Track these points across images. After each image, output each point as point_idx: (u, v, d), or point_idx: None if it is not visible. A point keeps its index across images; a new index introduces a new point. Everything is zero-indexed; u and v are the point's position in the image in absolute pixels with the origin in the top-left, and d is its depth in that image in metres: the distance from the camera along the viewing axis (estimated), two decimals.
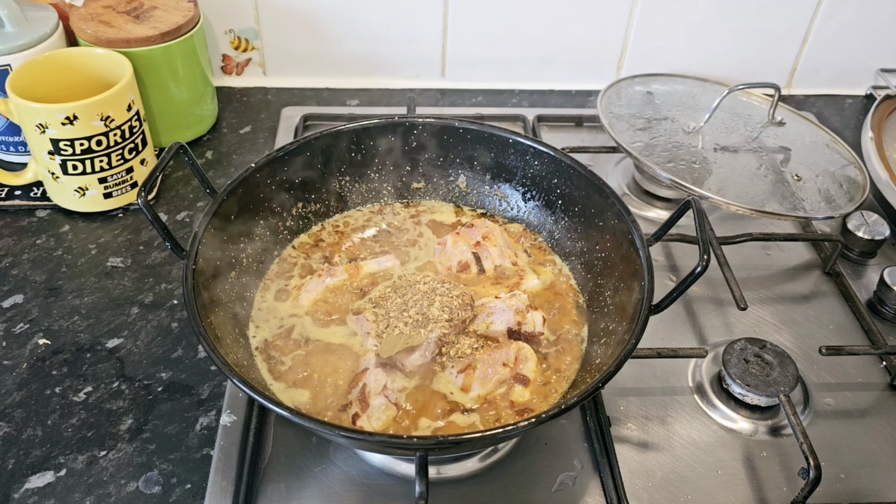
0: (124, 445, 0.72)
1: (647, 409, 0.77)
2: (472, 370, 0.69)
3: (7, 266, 0.90)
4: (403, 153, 0.88)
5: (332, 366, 0.71)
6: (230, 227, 0.75)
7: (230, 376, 0.59)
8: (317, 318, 0.75)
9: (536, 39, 1.20)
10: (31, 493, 0.68)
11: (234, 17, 1.16)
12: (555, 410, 0.57)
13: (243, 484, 0.67)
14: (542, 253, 0.84)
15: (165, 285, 0.88)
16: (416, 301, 0.72)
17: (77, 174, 0.92)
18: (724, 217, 1.00)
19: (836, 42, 1.23)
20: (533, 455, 0.72)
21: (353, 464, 0.70)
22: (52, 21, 0.99)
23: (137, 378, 0.78)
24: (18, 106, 0.87)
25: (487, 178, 0.88)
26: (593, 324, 0.75)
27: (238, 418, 0.73)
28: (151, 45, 0.98)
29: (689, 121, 1.05)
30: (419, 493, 0.54)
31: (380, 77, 1.24)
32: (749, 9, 1.18)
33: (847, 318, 0.88)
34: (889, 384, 0.81)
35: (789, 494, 0.70)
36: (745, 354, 0.78)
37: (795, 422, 0.70)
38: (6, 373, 0.78)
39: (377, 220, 0.87)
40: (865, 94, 1.29)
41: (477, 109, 1.20)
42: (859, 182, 0.97)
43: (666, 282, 0.91)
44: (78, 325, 0.83)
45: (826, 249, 0.95)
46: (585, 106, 1.23)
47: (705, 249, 0.63)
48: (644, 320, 0.64)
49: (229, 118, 1.16)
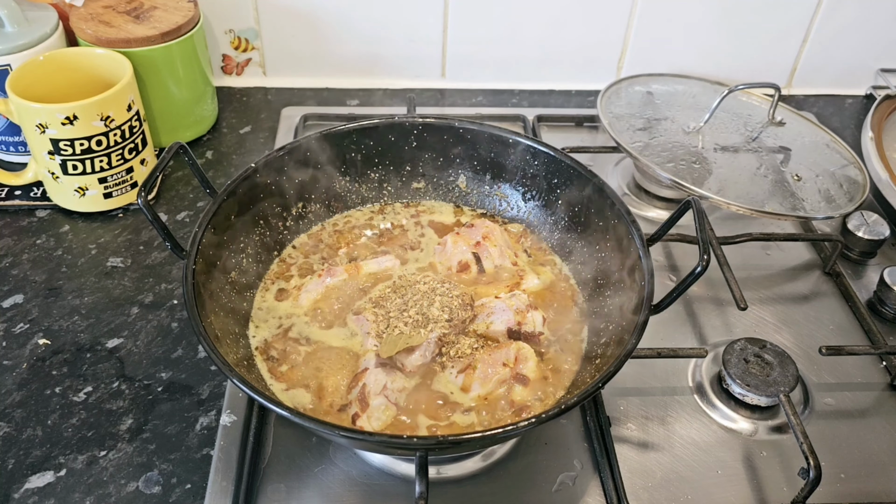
0: (124, 445, 0.72)
1: (647, 409, 0.77)
2: (472, 370, 0.69)
3: (7, 266, 0.90)
4: (403, 153, 0.88)
5: (332, 366, 0.71)
6: (230, 228, 0.75)
7: (230, 376, 0.59)
8: (317, 318, 0.75)
9: (536, 39, 1.20)
10: (31, 493, 0.68)
11: (234, 17, 1.16)
12: (555, 410, 0.57)
13: (243, 484, 0.67)
14: (542, 253, 0.84)
15: (165, 285, 0.88)
16: (416, 301, 0.72)
17: (77, 174, 0.92)
18: (724, 217, 1.00)
19: (836, 42, 1.23)
20: (533, 455, 0.72)
21: (353, 464, 0.70)
22: (52, 21, 0.99)
23: (137, 378, 0.78)
24: (18, 106, 0.87)
25: (487, 178, 0.88)
26: (593, 324, 0.75)
27: (238, 418, 0.73)
28: (151, 45, 0.98)
29: (689, 121, 1.05)
30: (419, 493, 0.54)
31: (380, 77, 1.24)
32: (749, 9, 1.18)
33: (847, 318, 0.88)
34: (889, 384, 0.81)
35: (789, 494, 0.70)
36: (745, 354, 0.78)
37: (795, 422, 0.70)
38: (6, 373, 0.78)
39: (377, 220, 0.87)
40: (865, 94, 1.29)
41: (477, 109, 1.20)
42: (859, 182, 0.97)
43: (666, 282, 0.91)
44: (78, 325, 0.83)
45: (826, 249, 0.95)
46: (585, 106, 1.23)
47: (705, 249, 0.63)
48: (644, 320, 0.64)
49: (229, 118, 1.16)
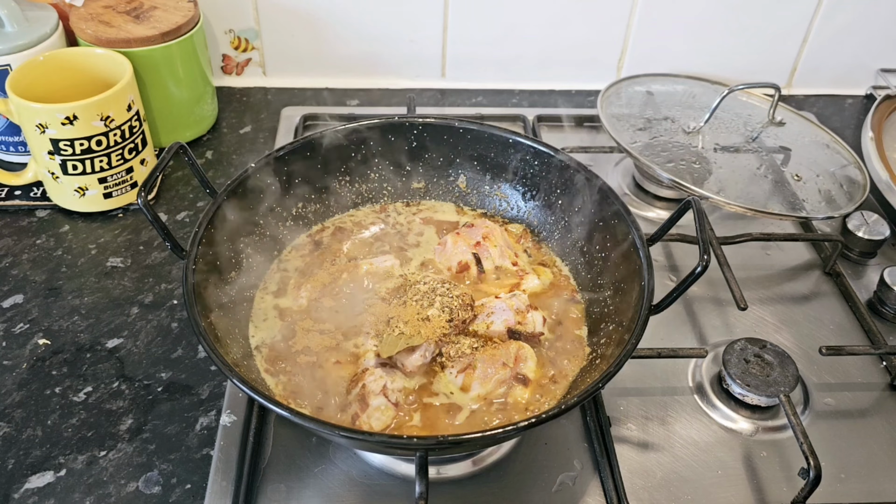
0: (124, 445, 0.72)
1: (647, 409, 0.77)
2: (472, 370, 0.69)
3: (7, 266, 0.90)
4: (403, 153, 0.88)
5: (332, 366, 0.71)
6: (230, 228, 0.75)
7: (230, 376, 0.59)
8: (316, 318, 0.75)
9: (536, 39, 1.20)
10: (31, 493, 0.68)
11: (234, 17, 1.16)
12: (555, 410, 0.57)
13: (243, 484, 0.67)
14: (542, 253, 0.84)
15: (165, 285, 0.88)
16: (417, 301, 0.72)
17: (77, 174, 0.92)
18: (724, 217, 1.00)
19: (836, 42, 1.23)
20: (533, 455, 0.72)
21: (353, 464, 0.70)
22: (52, 21, 0.99)
23: (137, 378, 0.78)
24: (18, 106, 0.87)
25: (487, 178, 0.88)
26: (593, 324, 0.75)
27: (238, 418, 0.73)
28: (151, 45, 0.98)
29: (689, 121, 1.05)
30: (419, 493, 0.54)
31: (380, 77, 1.24)
32: (749, 9, 1.18)
33: (847, 318, 0.88)
34: (889, 384, 0.81)
35: (789, 494, 0.70)
36: (745, 354, 0.78)
37: (795, 422, 0.70)
38: (6, 373, 0.78)
39: (377, 220, 0.87)
40: (865, 94, 1.29)
41: (477, 109, 1.20)
42: (859, 182, 0.97)
43: (666, 282, 0.91)
44: (78, 325, 0.83)
45: (826, 249, 0.95)
46: (585, 106, 1.23)
47: (705, 249, 0.63)
48: (644, 320, 0.64)
49: (229, 118, 1.16)
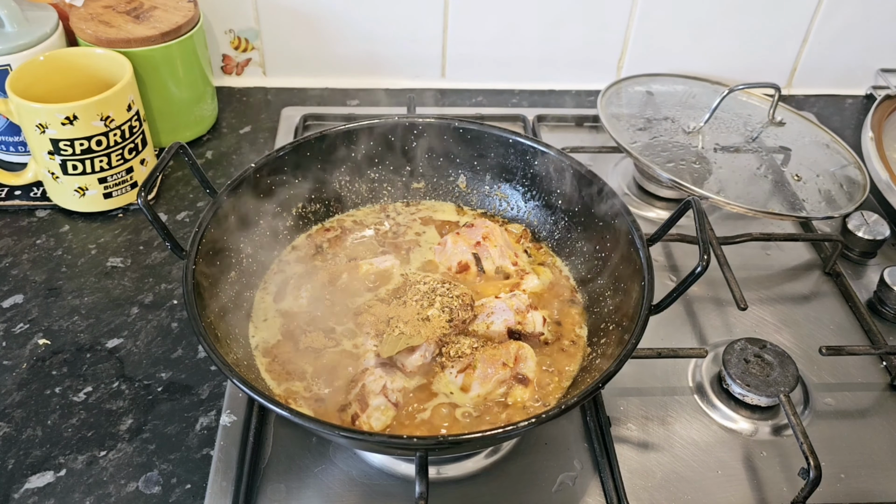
0: (124, 445, 0.72)
1: (647, 409, 0.77)
2: (472, 370, 0.69)
3: (7, 266, 0.90)
4: (403, 153, 0.88)
5: (332, 366, 0.71)
6: (230, 228, 0.75)
7: (230, 376, 0.59)
8: (316, 318, 0.75)
9: (536, 39, 1.20)
10: (31, 493, 0.68)
11: (234, 17, 1.16)
12: (555, 410, 0.57)
13: (243, 484, 0.67)
14: (542, 253, 0.84)
15: (165, 285, 0.88)
16: (417, 301, 0.72)
17: (77, 174, 0.92)
18: (724, 217, 1.00)
19: (836, 42, 1.23)
20: (533, 455, 0.72)
21: (353, 464, 0.70)
22: (52, 21, 0.99)
23: (137, 378, 0.78)
24: (18, 106, 0.87)
25: (487, 178, 0.88)
26: (593, 324, 0.75)
27: (238, 418, 0.73)
28: (151, 45, 0.98)
29: (689, 121, 1.05)
30: (419, 493, 0.54)
31: (380, 77, 1.24)
32: (749, 9, 1.18)
33: (847, 318, 0.88)
34: (889, 384, 0.81)
35: (789, 494, 0.70)
36: (746, 354, 0.78)
37: (795, 422, 0.70)
38: (6, 373, 0.78)
39: (377, 220, 0.87)
40: (865, 94, 1.29)
41: (477, 109, 1.20)
42: (859, 182, 0.97)
43: (666, 282, 0.91)
44: (78, 325, 0.83)
45: (826, 249, 0.95)
46: (585, 106, 1.23)
47: (705, 249, 0.63)
48: (644, 320, 0.64)
49: (229, 118, 1.16)
